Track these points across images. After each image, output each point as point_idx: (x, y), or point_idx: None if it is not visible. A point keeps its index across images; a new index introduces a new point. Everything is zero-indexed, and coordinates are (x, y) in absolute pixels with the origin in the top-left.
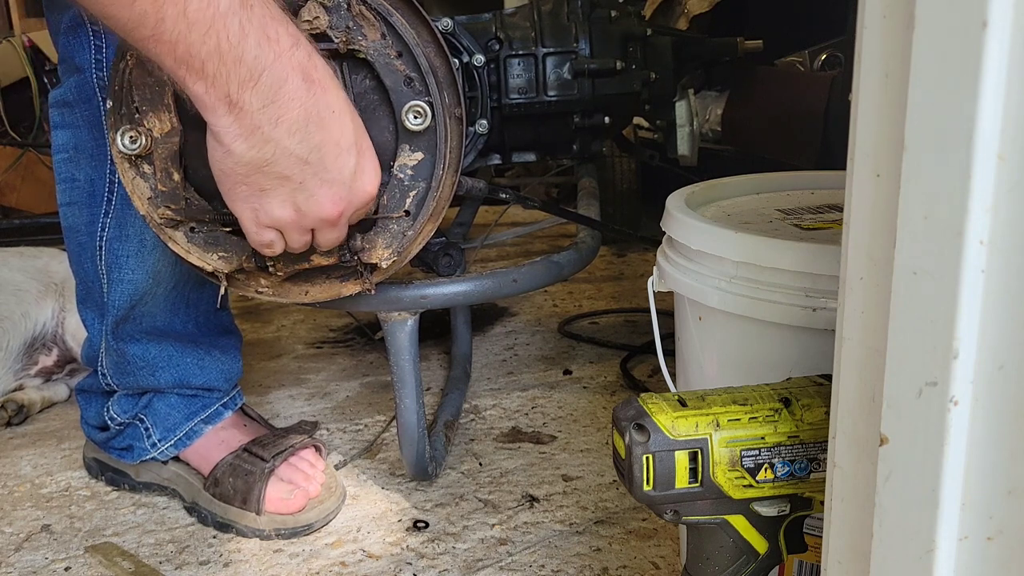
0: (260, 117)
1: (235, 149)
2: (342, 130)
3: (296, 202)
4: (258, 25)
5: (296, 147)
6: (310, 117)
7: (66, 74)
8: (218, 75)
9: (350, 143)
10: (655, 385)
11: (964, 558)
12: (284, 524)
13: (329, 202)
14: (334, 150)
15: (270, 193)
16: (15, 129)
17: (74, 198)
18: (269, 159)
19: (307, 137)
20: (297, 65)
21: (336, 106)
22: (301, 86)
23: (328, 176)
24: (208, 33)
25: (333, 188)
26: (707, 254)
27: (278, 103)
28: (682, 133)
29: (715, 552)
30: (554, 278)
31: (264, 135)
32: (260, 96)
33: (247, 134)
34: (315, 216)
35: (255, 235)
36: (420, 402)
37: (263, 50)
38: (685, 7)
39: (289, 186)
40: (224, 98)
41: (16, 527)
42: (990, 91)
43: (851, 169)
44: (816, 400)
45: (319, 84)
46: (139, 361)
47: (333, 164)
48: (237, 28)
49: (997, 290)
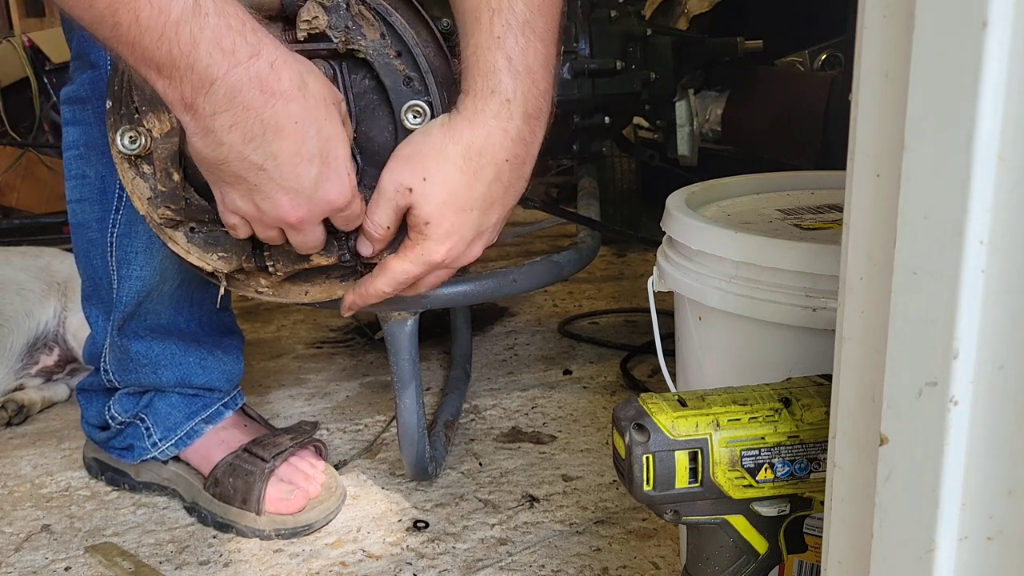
0: (213, 122)
1: (194, 143)
2: (303, 141)
3: (254, 201)
4: (210, 36)
5: (251, 154)
6: (267, 127)
7: (79, 70)
8: (172, 78)
9: (312, 153)
10: (655, 385)
11: (964, 558)
12: (284, 524)
13: (288, 207)
14: (293, 159)
15: (230, 186)
16: (15, 129)
17: (84, 194)
18: (223, 159)
19: (263, 145)
20: (255, 76)
21: (300, 116)
22: (258, 97)
23: (286, 184)
24: (160, 40)
25: (290, 195)
26: (707, 254)
27: (232, 111)
28: (682, 133)
29: (715, 552)
30: (554, 278)
31: (217, 138)
32: (212, 103)
33: (202, 134)
34: (274, 216)
35: (222, 215)
36: (420, 402)
37: (215, 60)
38: (685, 7)
39: (245, 186)
40: (180, 99)
41: (16, 527)
42: (990, 91)
43: (851, 169)
44: (816, 400)
45: (280, 96)
46: (142, 359)
47: (291, 173)
48: (188, 37)
49: (997, 290)
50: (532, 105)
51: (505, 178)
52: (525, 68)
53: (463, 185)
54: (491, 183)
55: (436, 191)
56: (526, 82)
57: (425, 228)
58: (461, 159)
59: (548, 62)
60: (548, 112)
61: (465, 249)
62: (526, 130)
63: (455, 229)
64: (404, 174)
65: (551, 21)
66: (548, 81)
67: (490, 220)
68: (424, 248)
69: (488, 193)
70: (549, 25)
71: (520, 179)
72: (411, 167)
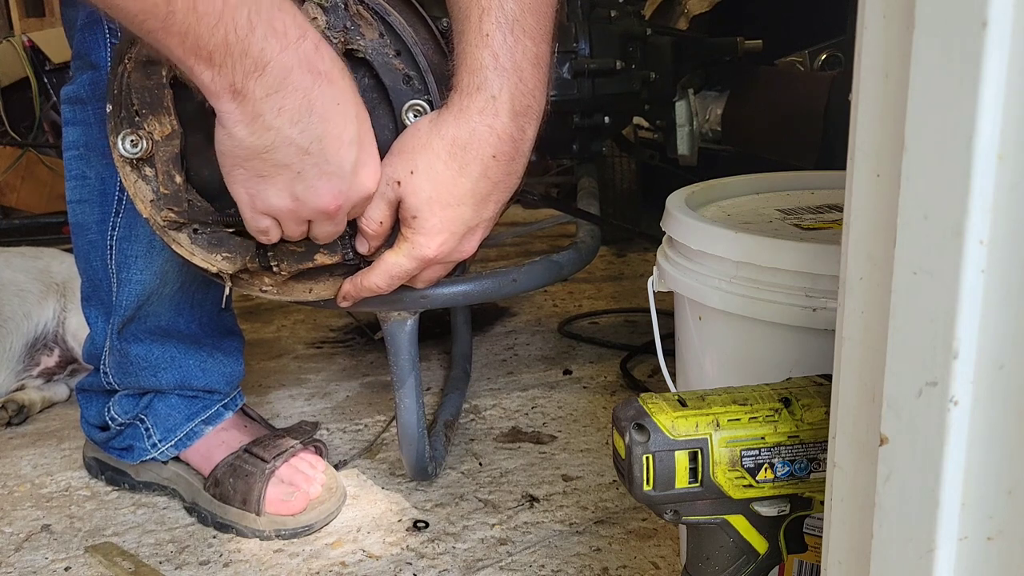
0: (263, 106)
1: (236, 133)
2: (345, 123)
3: (294, 191)
4: (266, 18)
5: (297, 136)
6: (313, 108)
7: (79, 70)
8: (224, 65)
9: (352, 137)
10: (655, 385)
11: (964, 558)
12: (284, 525)
13: (328, 194)
14: (335, 143)
15: (268, 180)
16: (15, 129)
17: (84, 196)
18: (269, 146)
19: (309, 127)
20: (303, 57)
21: (341, 99)
22: (306, 77)
23: (328, 168)
24: (217, 26)
25: (332, 180)
26: (707, 254)
27: (281, 93)
28: (682, 133)
29: (715, 552)
30: (554, 278)
31: (265, 123)
32: (264, 86)
33: (249, 120)
34: (313, 207)
35: (251, 220)
36: (420, 402)
37: (269, 42)
38: (685, 7)
39: (288, 175)
40: (229, 86)
41: (16, 527)
42: (990, 91)
43: (851, 169)
44: (816, 400)
45: (325, 76)
46: (142, 362)
47: (334, 156)
48: (245, 21)
49: (997, 290)
50: (519, 102)
51: (492, 174)
52: (512, 66)
53: (449, 179)
54: (478, 179)
55: (422, 184)
56: (513, 79)
57: (414, 222)
58: (446, 154)
59: (539, 60)
60: (539, 110)
61: (457, 244)
62: (513, 127)
63: (444, 224)
64: (393, 168)
65: (543, 19)
66: (538, 78)
67: (481, 216)
68: (415, 242)
69: (476, 188)
70: (540, 23)
71: (509, 175)
72: (400, 161)
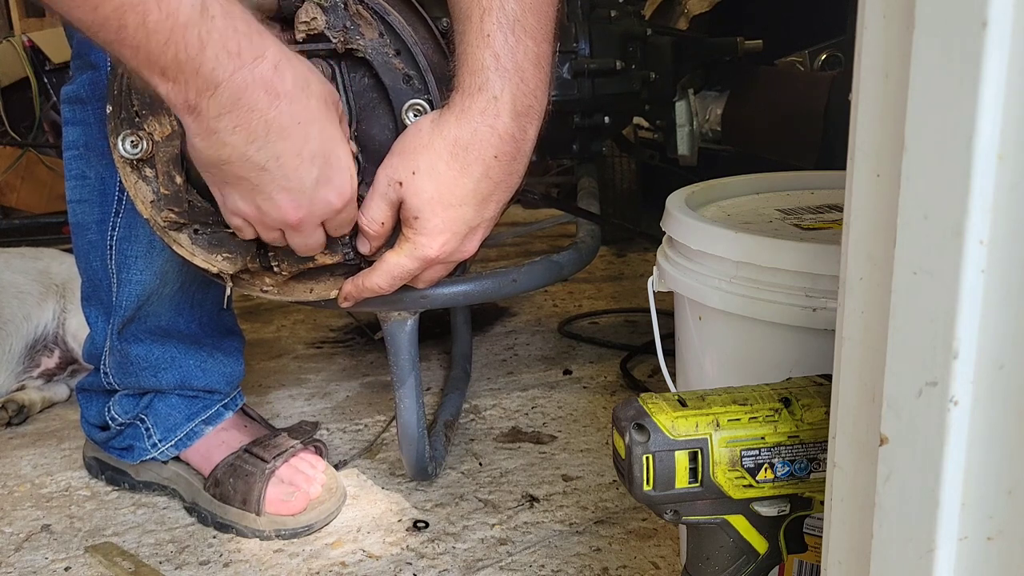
0: (216, 124)
1: (195, 144)
2: (306, 141)
3: (255, 202)
4: (218, 38)
5: (254, 154)
6: (270, 128)
7: (79, 70)
8: (177, 81)
9: (314, 153)
10: (655, 385)
11: (964, 558)
12: (284, 525)
13: (289, 208)
14: (294, 160)
15: (232, 187)
16: (15, 129)
17: (84, 195)
18: (226, 160)
19: (266, 146)
20: (259, 78)
21: (303, 117)
22: (262, 98)
23: (287, 184)
24: (167, 43)
25: (292, 195)
26: (707, 254)
27: (235, 112)
28: (682, 133)
29: (715, 552)
30: (554, 278)
31: (220, 139)
32: (217, 105)
33: (204, 135)
34: (275, 218)
35: (226, 217)
36: (420, 402)
37: (221, 63)
38: (685, 7)
39: (246, 186)
40: (183, 102)
41: (16, 527)
42: (990, 91)
43: (851, 169)
44: (816, 400)
45: (284, 96)
46: (142, 362)
47: (293, 173)
48: (195, 40)
49: (997, 290)
50: (521, 103)
51: (494, 174)
52: (514, 66)
53: (451, 180)
54: (480, 179)
55: (424, 185)
56: (514, 80)
57: (415, 223)
58: (448, 154)
59: (540, 60)
60: (541, 110)
61: (459, 244)
62: (515, 127)
63: (446, 224)
64: (395, 168)
65: (544, 19)
66: (539, 79)
67: (483, 216)
68: (416, 242)
69: (477, 189)
70: (542, 23)
71: (511, 175)
72: (402, 161)
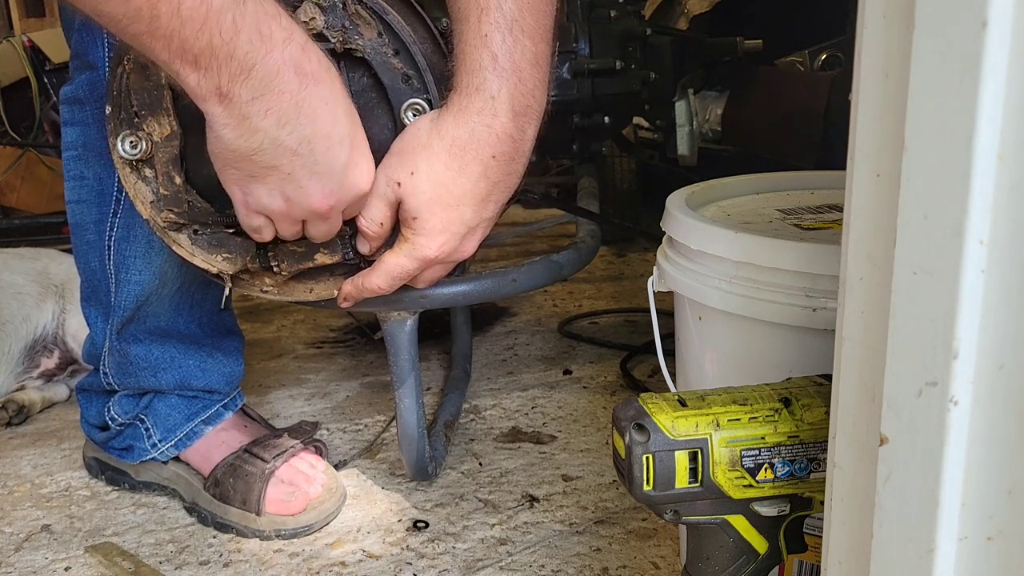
0: (249, 108)
1: (224, 136)
2: (334, 122)
3: (285, 192)
4: (251, 21)
5: (285, 138)
6: (301, 109)
7: (78, 71)
8: (210, 68)
9: (342, 136)
10: (655, 385)
11: (964, 558)
12: (284, 525)
13: (319, 194)
14: (325, 142)
15: (259, 180)
16: (15, 129)
17: (83, 196)
18: (257, 148)
19: (297, 129)
20: (290, 59)
21: (330, 99)
22: (293, 79)
23: (318, 168)
24: (202, 30)
25: (323, 180)
26: (707, 254)
27: (268, 95)
28: (682, 133)
29: (715, 552)
30: (554, 278)
31: (253, 125)
32: (250, 89)
33: (236, 123)
34: (304, 207)
35: (245, 218)
36: (420, 402)
37: (255, 46)
38: (685, 7)
39: (278, 175)
40: (215, 90)
41: (16, 527)
42: (990, 91)
43: (851, 169)
44: (816, 400)
45: (312, 77)
46: (142, 362)
47: (323, 156)
48: (230, 24)
49: (997, 290)
50: (519, 103)
51: (492, 174)
52: (512, 66)
53: (449, 180)
54: (478, 179)
55: (423, 185)
56: (512, 80)
57: (414, 223)
58: (446, 154)
59: (538, 59)
60: (539, 109)
61: (458, 244)
62: (512, 127)
63: (445, 225)
64: (393, 168)
65: (542, 18)
66: (537, 79)
67: (481, 216)
68: (415, 243)
69: (476, 189)
70: (540, 22)
71: (509, 175)
72: (400, 161)
